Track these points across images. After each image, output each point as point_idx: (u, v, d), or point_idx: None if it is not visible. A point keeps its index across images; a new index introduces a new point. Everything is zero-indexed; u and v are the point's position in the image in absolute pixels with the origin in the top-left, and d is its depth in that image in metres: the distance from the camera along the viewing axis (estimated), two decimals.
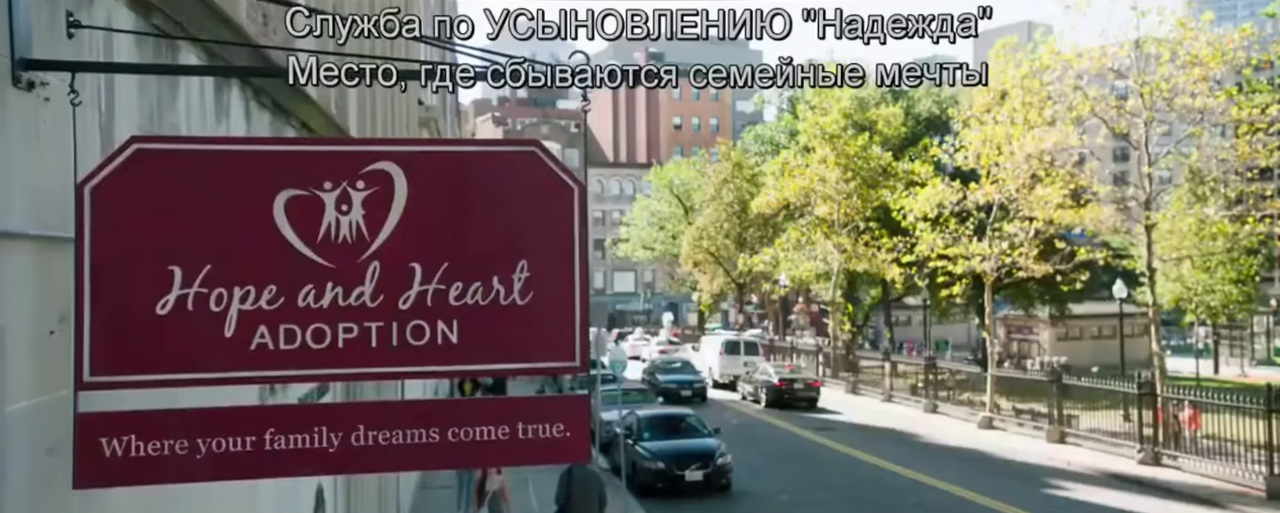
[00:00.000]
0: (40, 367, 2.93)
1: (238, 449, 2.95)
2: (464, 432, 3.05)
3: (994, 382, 26.74)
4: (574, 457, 3.14)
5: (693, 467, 18.09)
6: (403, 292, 3.04)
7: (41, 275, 2.94)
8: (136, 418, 2.92)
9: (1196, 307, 36.36)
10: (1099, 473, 19.83)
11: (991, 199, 26.32)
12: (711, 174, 50.05)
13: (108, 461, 2.85)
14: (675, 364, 35.66)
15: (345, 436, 3.00)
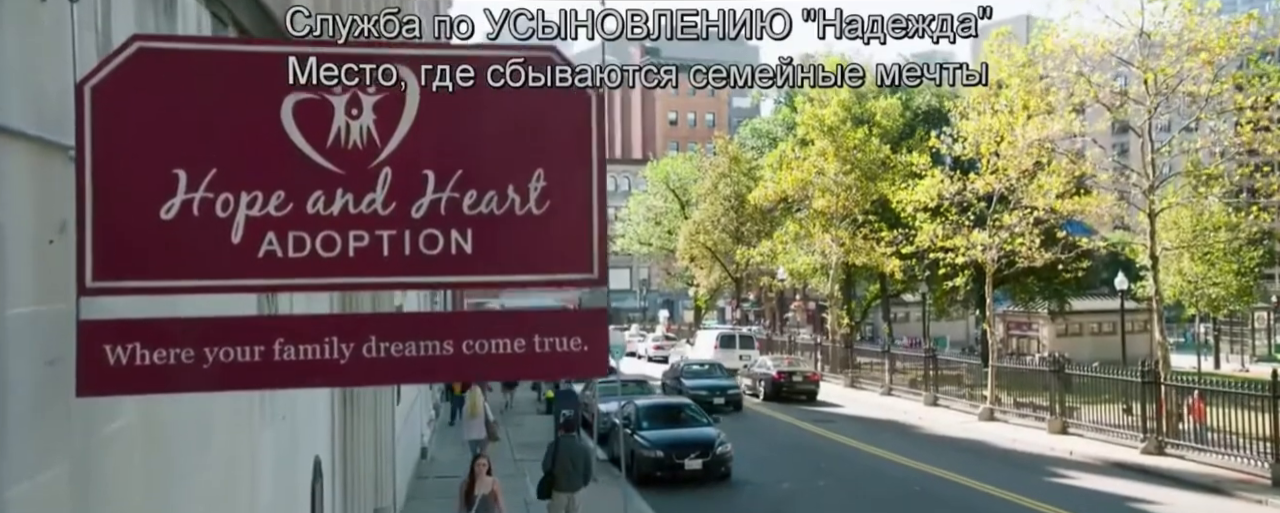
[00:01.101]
0: (40, 275, 2.83)
1: (246, 360, 2.86)
2: (479, 345, 2.96)
3: (995, 374, 26.66)
4: (592, 372, 3.04)
5: (692, 456, 17.98)
6: (415, 200, 2.95)
7: (41, 181, 2.84)
8: (141, 326, 2.82)
9: (1197, 300, 36.30)
10: (1102, 462, 19.75)
11: (991, 190, 26.27)
12: (708, 168, 49.96)
13: (111, 369, 2.75)
14: (703, 366, 31.03)
15: (356, 347, 2.91)
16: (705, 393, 26.87)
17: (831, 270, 37.43)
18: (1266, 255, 41.65)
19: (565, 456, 12.66)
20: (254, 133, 2.88)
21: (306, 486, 7.25)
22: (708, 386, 28.06)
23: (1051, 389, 23.78)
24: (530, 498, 16.08)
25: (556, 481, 12.53)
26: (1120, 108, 21.57)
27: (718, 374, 29.80)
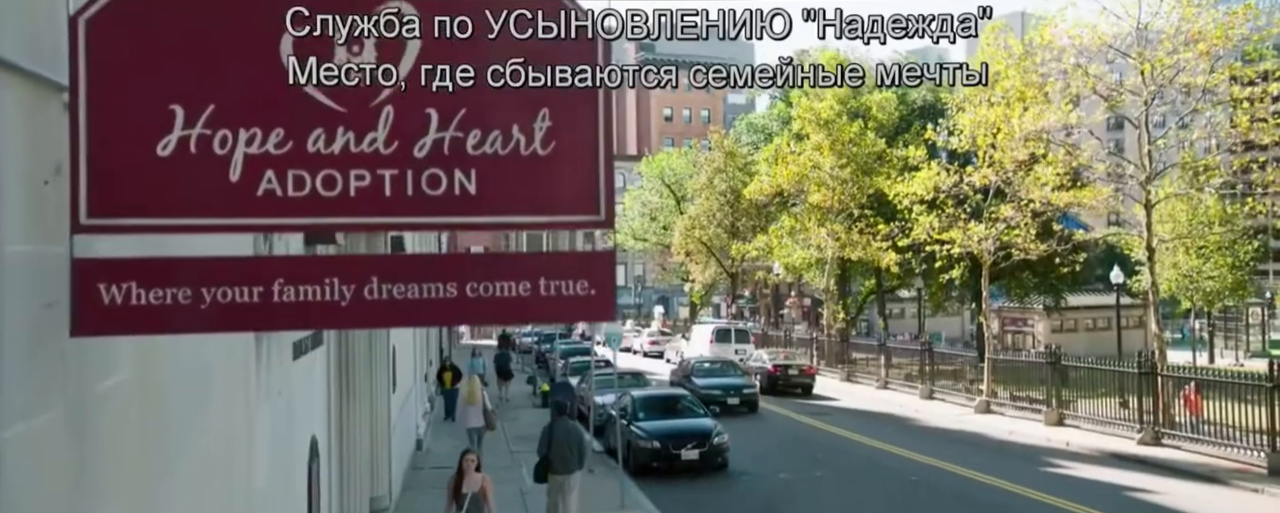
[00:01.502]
0: (35, 215, 2.76)
1: (244, 300, 2.79)
2: (483, 287, 2.89)
3: (991, 367, 26.66)
4: (598, 316, 2.98)
5: (689, 446, 17.94)
6: (418, 139, 2.88)
7: (34, 119, 2.77)
8: (137, 265, 2.75)
9: (1193, 294, 36.38)
10: (1099, 453, 19.76)
11: (988, 182, 26.30)
12: (704, 163, 49.94)
13: (107, 308, 2.68)
14: (715, 365, 29.06)
15: (357, 289, 2.84)
16: (718, 392, 25.35)
17: (827, 265, 37.43)
18: (1261, 250, 41.73)
19: (560, 439, 12.77)
20: (252, 69, 2.81)
21: (303, 465, 7.18)
22: (721, 385, 26.14)
23: (1048, 381, 23.79)
24: (526, 488, 16.07)
25: (552, 464, 12.63)
26: (1118, 97, 21.56)
27: (731, 373, 27.96)
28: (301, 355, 7.12)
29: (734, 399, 25.57)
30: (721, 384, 26.14)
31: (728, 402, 25.15)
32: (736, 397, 25.71)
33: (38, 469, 2.70)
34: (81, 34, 2.66)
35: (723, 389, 25.71)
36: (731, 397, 25.54)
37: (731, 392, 25.84)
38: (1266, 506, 14.87)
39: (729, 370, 28.18)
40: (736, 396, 25.80)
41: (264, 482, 5.87)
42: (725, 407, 24.65)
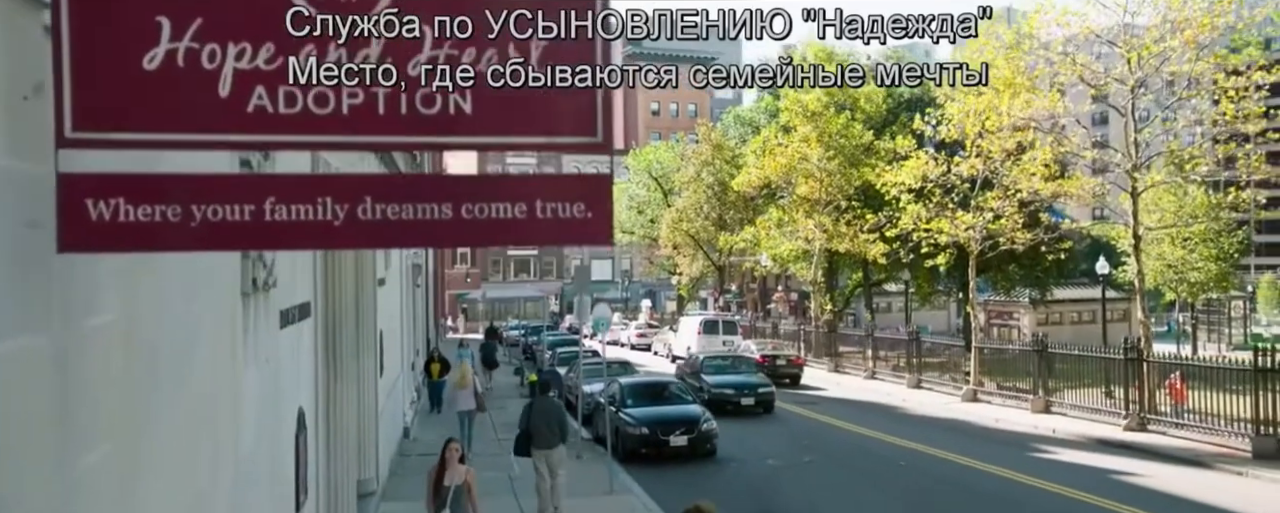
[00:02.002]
0: (16, 132, 2.68)
1: (235, 219, 2.72)
2: (479, 208, 2.83)
3: (978, 355, 26.78)
4: (595, 239, 2.92)
5: (677, 432, 17.95)
6: (412, 56, 2.82)
7: (12, 36, 2.69)
8: (125, 180, 2.68)
9: (1178, 285, 36.64)
10: (1085, 439, 19.87)
11: (976, 172, 26.41)
12: (691, 156, 49.90)
13: (94, 224, 2.61)
14: (726, 361, 26.37)
15: (351, 208, 2.77)
16: (731, 392, 23.05)
17: (815, 257, 37.48)
18: (1244, 242, 42.06)
19: (541, 414, 13.09)
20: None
21: (290, 435, 7.10)
22: (734, 383, 23.56)
23: (1034, 369, 23.90)
24: (515, 474, 16.02)
25: (534, 438, 12.91)
26: (1104, 84, 21.66)
27: (745, 369, 25.36)
28: (289, 325, 7.04)
29: (748, 399, 22.94)
30: (734, 383, 23.66)
31: (742, 402, 22.81)
32: (751, 396, 23.03)
33: (22, 392, 2.64)
34: None
35: (736, 388, 23.30)
36: (745, 396, 22.99)
37: (745, 391, 23.23)
38: (1249, 487, 14.99)
39: (742, 366, 25.60)
40: (751, 395, 23.10)
41: (251, 446, 5.79)
42: (738, 408, 22.55)
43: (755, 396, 23.21)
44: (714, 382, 23.69)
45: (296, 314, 7.32)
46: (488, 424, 21.55)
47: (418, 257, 26.39)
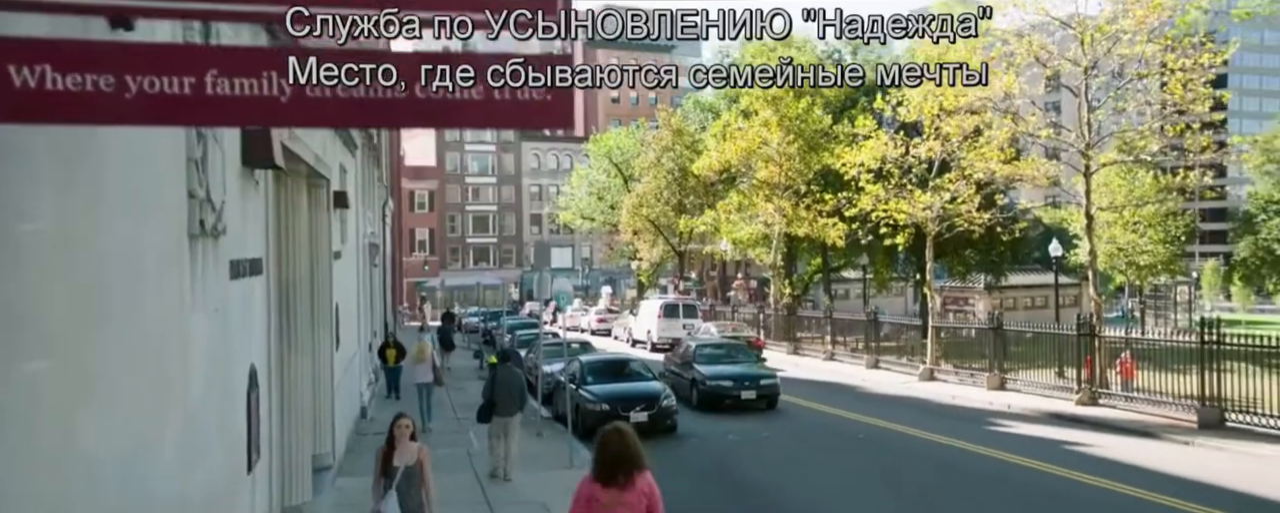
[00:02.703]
0: None
1: (174, 92, 2.55)
2: (434, 88, 2.70)
3: (935, 335, 27.10)
4: (557, 123, 2.81)
5: (637, 408, 17.88)
6: None
7: None
8: (51, 46, 2.50)
9: (1127, 268, 37.41)
10: (1039, 413, 20.20)
11: (934, 154, 26.72)
12: (652, 142, 49.83)
13: (18, 92, 2.43)
14: (720, 349, 23.03)
15: (300, 86, 2.63)
16: (729, 384, 20.28)
17: (774, 241, 37.65)
18: (1190, 226, 43.09)
19: (503, 384, 13.72)
20: None
21: (242, 390, 6.90)
22: (733, 375, 20.59)
23: (990, 346, 24.22)
24: (474, 450, 15.90)
25: (495, 407, 13.56)
26: (1059, 64, 21.98)
27: (743, 358, 22.30)
28: (239, 277, 6.83)
29: (749, 393, 20.06)
30: (733, 374, 20.70)
31: (742, 396, 19.96)
32: (752, 389, 20.16)
33: None
34: None
35: (735, 381, 20.42)
36: (746, 389, 20.11)
37: (746, 383, 20.38)
38: (1195, 455, 15.33)
39: (739, 356, 22.48)
40: (752, 388, 20.24)
41: (200, 395, 5.61)
42: (739, 404, 19.91)
43: (757, 388, 20.28)
44: (709, 373, 20.77)
45: (247, 268, 7.11)
46: (447, 404, 21.36)
47: (375, 236, 25.98)
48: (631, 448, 5.92)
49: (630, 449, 5.91)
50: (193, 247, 5.42)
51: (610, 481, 5.83)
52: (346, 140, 16.70)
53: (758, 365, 22.19)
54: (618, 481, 5.82)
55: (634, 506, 5.79)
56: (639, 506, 5.80)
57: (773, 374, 21.55)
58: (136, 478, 4.34)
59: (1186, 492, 12.48)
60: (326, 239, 13.27)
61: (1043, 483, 13.52)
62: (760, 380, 20.66)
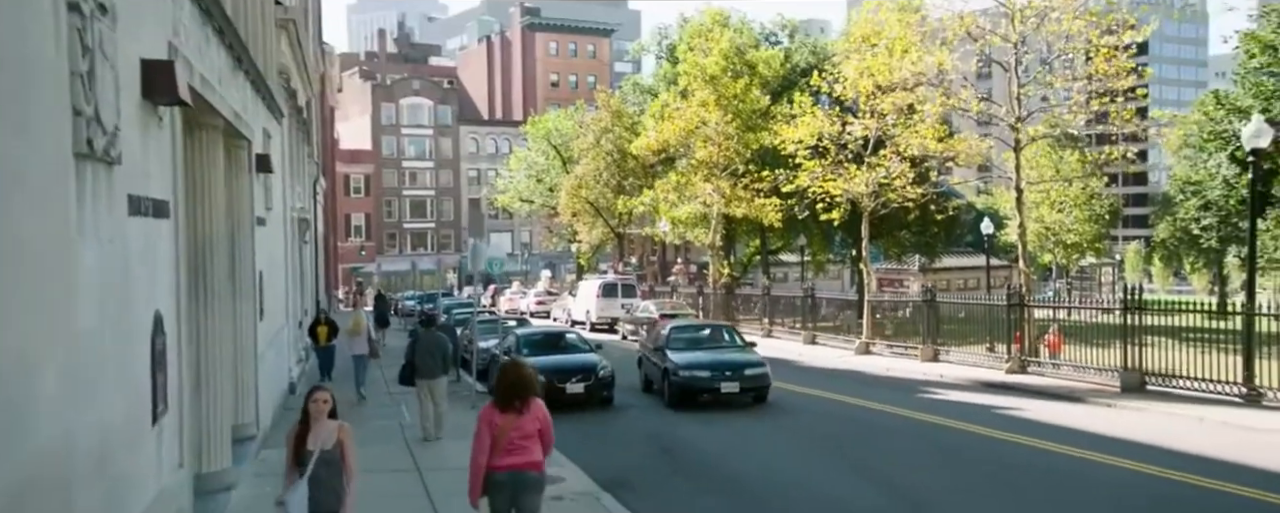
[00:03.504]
0: None
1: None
2: None
3: (870, 309, 27.40)
4: None
5: (573, 379, 17.68)
6: None
7: None
8: None
9: (1054, 247, 38.39)
10: (971, 382, 20.54)
11: (869, 132, 27.00)
12: (590, 124, 49.51)
13: None
14: (698, 332, 19.97)
15: None
16: (706, 375, 16.90)
17: (713, 221, 37.70)
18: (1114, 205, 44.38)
19: (425, 346, 13.94)
20: None
21: (145, 334, 6.51)
22: (711, 363, 17.24)
23: (923, 319, 24.57)
24: (406, 422, 15.52)
25: (418, 369, 13.83)
26: (990, 38, 22.32)
27: (726, 343, 19.04)
28: (141, 215, 6.43)
29: (731, 385, 16.70)
30: (711, 362, 17.25)
31: (722, 389, 16.67)
32: (734, 380, 16.77)
33: None
34: None
35: (713, 369, 16.96)
36: (727, 381, 16.70)
37: (726, 373, 16.88)
38: (1118, 416, 15.72)
39: (723, 340, 19.29)
40: (734, 378, 16.81)
41: (92, 327, 5.24)
42: (719, 398, 16.86)
43: (740, 379, 16.88)
44: (682, 361, 17.34)
45: (150, 208, 6.71)
46: (380, 380, 20.92)
47: (305, 211, 25.29)
48: (526, 379, 6.92)
49: (525, 380, 6.91)
50: (80, 169, 5.06)
51: (508, 407, 6.82)
52: (272, 106, 16.14)
53: (742, 350, 18.49)
54: (515, 406, 6.81)
55: (528, 428, 6.81)
56: (532, 428, 6.84)
57: (761, 362, 17.56)
58: (11, 400, 4.00)
59: (1108, 447, 12.79)
60: (248, 203, 12.80)
61: (974, 443, 13.70)
62: (744, 370, 17.06)
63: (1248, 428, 13.90)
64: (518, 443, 6.76)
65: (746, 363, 17.53)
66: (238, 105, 11.63)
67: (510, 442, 6.75)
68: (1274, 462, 11.66)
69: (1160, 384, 17.39)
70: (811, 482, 11.55)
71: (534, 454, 6.84)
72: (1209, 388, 16.39)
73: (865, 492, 10.99)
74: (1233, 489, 10.42)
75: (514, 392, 6.83)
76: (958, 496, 10.72)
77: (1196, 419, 14.77)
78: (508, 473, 6.74)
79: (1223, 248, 40.03)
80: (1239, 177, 32.58)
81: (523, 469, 6.78)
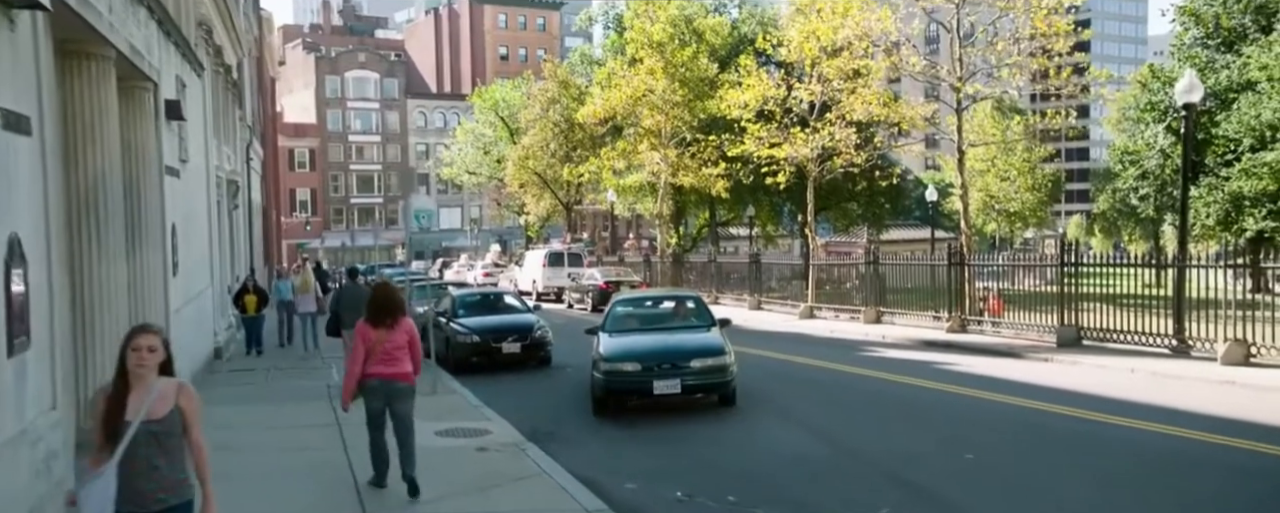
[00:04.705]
0: None
1: None
2: None
3: (815, 273, 27.35)
4: None
5: (510, 339, 17.31)
6: None
7: None
8: None
9: (998, 216, 38.75)
10: (912, 341, 20.53)
11: (815, 97, 26.83)
12: (537, 94, 48.79)
13: None
14: (649, 303, 15.44)
15: None
16: (635, 372, 11.90)
17: (660, 190, 37.38)
18: (1055, 178, 44.91)
19: (350, 298, 14.25)
20: None
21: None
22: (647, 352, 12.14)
23: (866, 280, 24.54)
24: (333, 383, 14.98)
25: (343, 320, 14.13)
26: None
27: (686, 319, 13.71)
28: None
29: (669, 384, 11.67)
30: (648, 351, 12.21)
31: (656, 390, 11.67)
32: (675, 376, 11.70)
33: None
34: None
35: (645, 362, 11.95)
36: (665, 378, 11.69)
37: (664, 366, 11.83)
38: (1052, 370, 15.75)
39: (687, 308, 14.19)
40: (675, 374, 11.73)
41: None
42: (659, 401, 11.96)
43: (686, 374, 11.75)
44: (612, 351, 12.26)
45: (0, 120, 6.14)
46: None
47: (236, 175, 24.39)
48: (394, 298, 8.09)
49: (393, 299, 8.07)
50: None
51: (379, 323, 7.91)
52: (187, 55, 15.36)
53: (701, 332, 12.91)
54: (385, 323, 7.90)
55: (398, 340, 7.91)
56: (402, 340, 7.94)
57: (719, 348, 12.14)
58: None
59: (1037, 394, 12.82)
60: (155, 150, 12.11)
61: (906, 393, 13.66)
62: (692, 360, 11.74)
63: (1174, 376, 14.00)
64: (390, 353, 7.84)
65: (697, 349, 12.07)
66: (139, 43, 10.95)
67: (384, 352, 7.82)
68: (1191, 403, 11.81)
69: (1096, 339, 17.49)
70: (739, 430, 11.32)
71: (404, 366, 7.94)
72: (1142, 341, 16.51)
73: (796, 437, 10.80)
74: (1148, 427, 10.49)
75: (383, 310, 7.90)
76: (887, 439, 10.59)
77: (1128, 370, 14.84)
78: (380, 380, 7.84)
79: (1159, 217, 40.79)
80: (1174, 146, 33.10)
81: (392, 379, 7.85)
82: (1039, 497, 8.14)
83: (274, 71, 51.71)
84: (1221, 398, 12.20)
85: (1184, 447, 9.64)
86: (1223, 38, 33.38)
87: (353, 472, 8.97)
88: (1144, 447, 9.76)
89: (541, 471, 9.21)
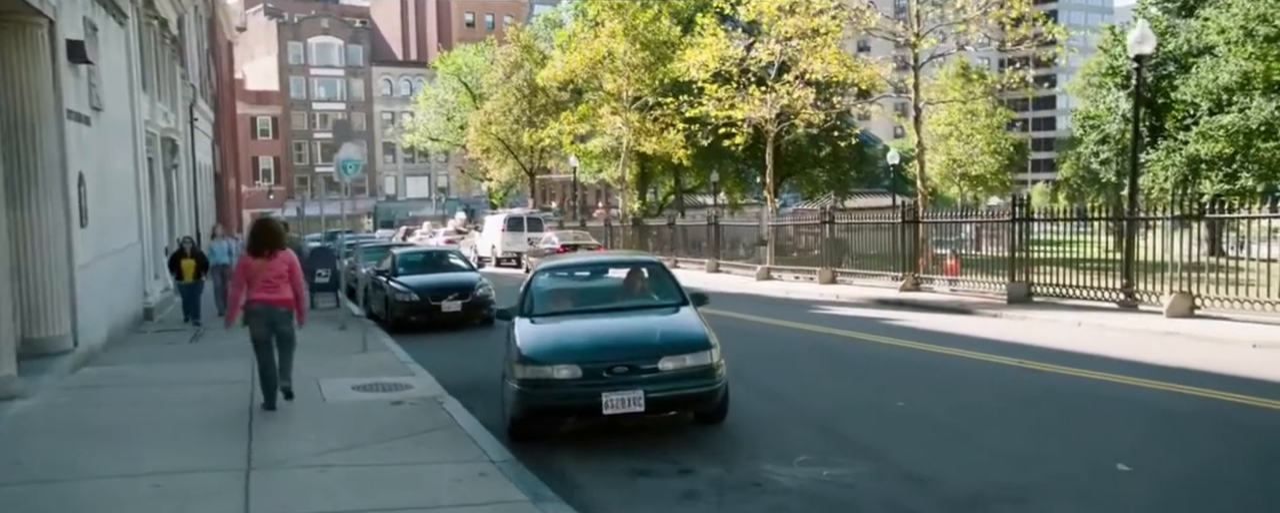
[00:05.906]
0: None
1: None
2: None
3: (774, 234, 27.04)
4: None
5: (450, 297, 16.84)
6: None
7: None
8: None
9: (960, 180, 38.63)
10: (867, 300, 20.28)
11: (774, 57, 26.35)
12: (500, 59, 47.92)
13: None
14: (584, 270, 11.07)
15: None
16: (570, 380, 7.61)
17: (623, 153, 36.84)
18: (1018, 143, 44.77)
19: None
20: None
21: None
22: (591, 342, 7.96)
23: (822, 239, 24.27)
24: None
25: None
26: None
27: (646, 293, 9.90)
28: None
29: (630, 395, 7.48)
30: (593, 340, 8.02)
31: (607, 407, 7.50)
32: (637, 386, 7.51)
33: None
34: None
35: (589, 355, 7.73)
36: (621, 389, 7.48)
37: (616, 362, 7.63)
38: (1001, 325, 15.54)
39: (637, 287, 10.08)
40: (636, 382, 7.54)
41: None
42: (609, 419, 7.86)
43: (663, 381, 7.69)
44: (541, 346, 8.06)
45: None
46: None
47: (174, 133, 23.52)
48: (273, 230, 9.01)
49: (274, 232, 8.99)
50: None
51: (258, 254, 8.77)
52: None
53: (668, 313, 9.07)
54: (264, 253, 8.76)
55: (278, 269, 8.78)
56: (282, 269, 8.81)
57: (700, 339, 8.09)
58: None
59: (983, 347, 12.61)
60: (52, 93, 11.42)
61: (855, 348, 13.41)
62: (660, 359, 7.75)
63: (1119, 329, 13.83)
64: (271, 281, 8.67)
65: (669, 341, 8.03)
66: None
67: (265, 280, 8.64)
68: (1132, 353, 11.68)
69: (1048, 296, 17.31)
70: None
71: (284, 293, 8.79)
72: (1092, 295, 16.34)
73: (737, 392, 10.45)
74: (1084, 374, 10.37)
75: (263, 241, 8.78)
76: (823, 392, 10.30)
77: (1075, 324, 14.67)
78: (262, 305, 8.67)
79: (1121, 182, 40.79)
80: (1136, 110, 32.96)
81: (274, 304, 8.71)
82: (959, 441, 7.88)
83: (231, 35, 50.31)
84: (1160, 348, 12.07)
85: (1116, 392, 9.46)
86: (1182, 1, 33.24)
87: (252, 400, 9.36)
88: (1078, 394, 9.53)
89: (454, 423, 8.78)
